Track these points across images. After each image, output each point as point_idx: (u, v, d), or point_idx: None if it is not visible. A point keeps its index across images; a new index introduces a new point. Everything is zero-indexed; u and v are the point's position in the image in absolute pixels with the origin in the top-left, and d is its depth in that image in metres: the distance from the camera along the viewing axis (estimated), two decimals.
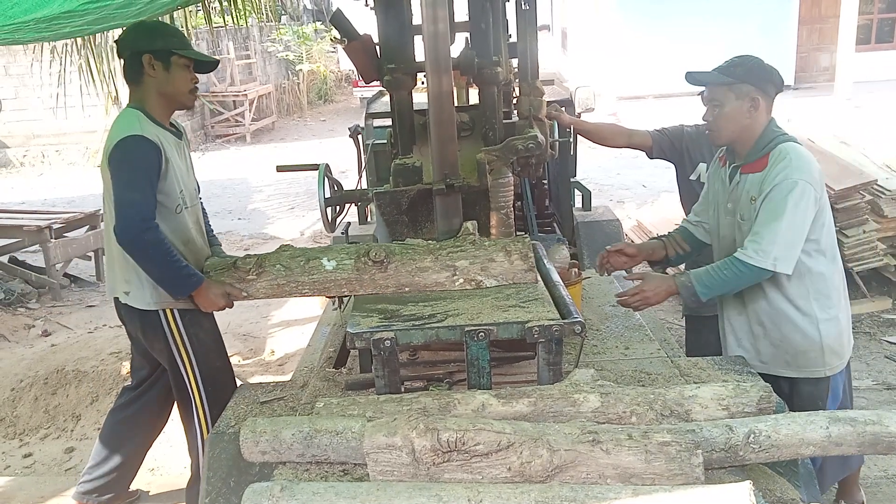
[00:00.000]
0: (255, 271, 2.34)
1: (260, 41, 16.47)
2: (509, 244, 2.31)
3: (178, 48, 2.48)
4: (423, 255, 2.30)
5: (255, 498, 1.57)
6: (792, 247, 2.25)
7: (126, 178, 2.38)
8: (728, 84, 2.33)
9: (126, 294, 2.59)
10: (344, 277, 2.31)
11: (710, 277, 2.33)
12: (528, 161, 2.61)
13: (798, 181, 2.22)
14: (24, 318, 5.66)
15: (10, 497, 3.31)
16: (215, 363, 2.74)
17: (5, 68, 12.53)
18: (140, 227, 2.33)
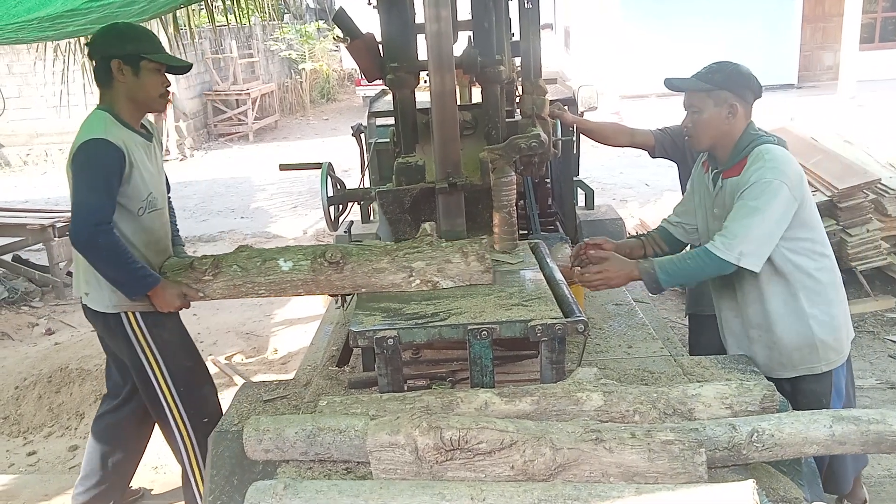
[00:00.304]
0: (212, 272, 2.36)
1: (263, 40, 16.48)
2: (466, 245, 2.32)
3: (148, 52, 2.46)
4: (380, 256, 2.31)
5: (259, 496, 1.57)
6: (760, 244, 2.25)
7: (84, 180, 2.38)
8: (706, 91, 2.35)
9: (86, 295, 2.59)
10: (300, 278, 2.33)
11: (674, 265, 2.34)
12: (531, 160, 2.60)
13: (772, 180, 2.23)
14: (28, 316, 5.67)
15: (15, 495, 3.32)
16: (185, 363, 2.71)
17: (9, 67, 12.55)
18: (93, 229, 2.33)
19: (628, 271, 2.37)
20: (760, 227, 2.23)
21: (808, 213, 2.33)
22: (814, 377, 2.39)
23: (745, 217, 2.25)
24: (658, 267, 2.34)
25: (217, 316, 5.46)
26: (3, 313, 5.66)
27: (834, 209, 4.53)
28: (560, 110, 3.25)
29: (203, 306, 5.48)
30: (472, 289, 2.31)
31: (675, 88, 2.45)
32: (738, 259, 2.24)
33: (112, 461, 2.93)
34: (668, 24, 14.15)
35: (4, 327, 5.39)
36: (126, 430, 2.92)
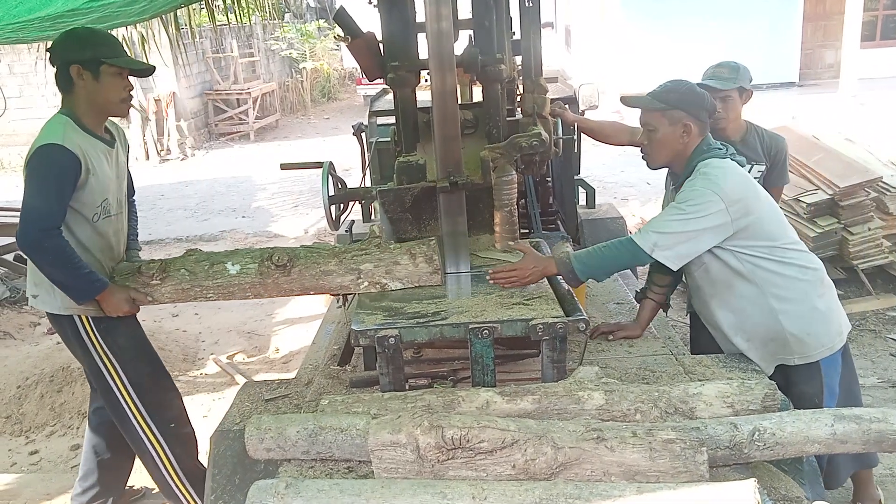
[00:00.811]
0: (159, 276, 2.37)
1: (263, 39, 16.48)
2: (414, 247, 2.34)
3: (108, 57, 2.44)
4: (328, 259, 2.32)
5: (261, 495, 1.57)
6: (677, 241, 2.28)
7: (35, 185, 2.38)
8: (661, 110, 2.38)
9: (34, 297, 2.57)
10: (248, 281, 2.34)
11: (590, 256, 2.35)
12: (532, 158, 2.60)
13: (703, 189, 2.27)
14: (30, 315, 5.67)
15: (17, 494, 3.33)
16: (144, 368, 2.67)
17: (10, 67, 12.56)
18: (39, 234, 2.32)
19: (544, 266, 2.35)
20: (679, 226, 2.27)
21: (765, 224, 2.34)
22: (800, 372, 2.39)
23: (668, 215, 2.32)
24: (574, 258, 2.33)
25: (218, 315, 5.47)
26: (5, 313, 5.67)
27: (835, 207, 4.53)
28: (561, 109, 3.24)
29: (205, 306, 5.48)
30: (474, 287, 2.31)
31: (631, 105, 2.48)
32: (652, 250, 2.27)
33: (106, 459, 2.92)
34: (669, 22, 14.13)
35: (6, 327, 5.40)
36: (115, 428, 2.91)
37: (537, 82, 2.88)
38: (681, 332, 3.92)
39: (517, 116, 3.07)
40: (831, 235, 4.54)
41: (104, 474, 2.93)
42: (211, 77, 14.03)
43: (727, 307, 2.41)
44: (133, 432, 2.67)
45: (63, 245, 2.35)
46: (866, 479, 2.77)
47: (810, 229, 4.48)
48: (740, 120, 3.08)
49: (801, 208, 4.53)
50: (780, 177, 3.15)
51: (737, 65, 3.00)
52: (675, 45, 13.50)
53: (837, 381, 2.46)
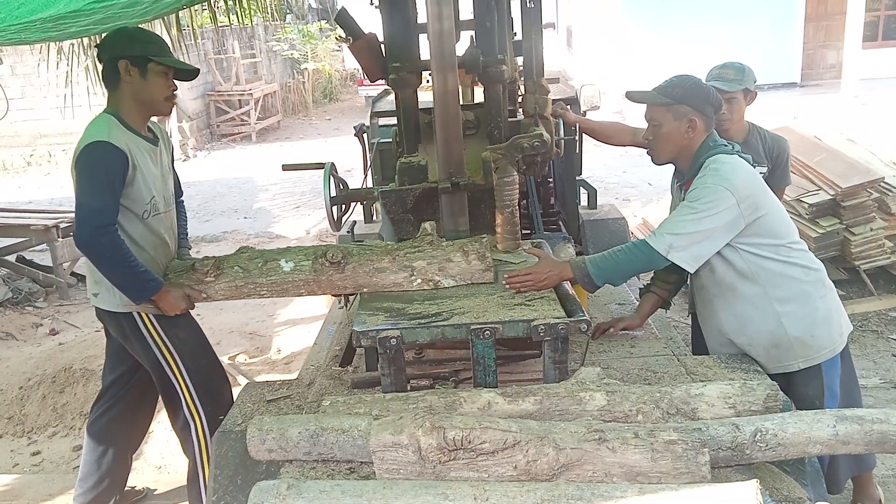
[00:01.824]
0: (214, 273, 2.37)
1: (265, 40, 16.49)
2: (467, 244, 2.33)
3: (156, 55, 2.48)
4: (381, 256, 2.32)
5: (262, 496, 1.57)
6: (692, 242, 2.25)
7: (87, 183, 2.39)
8: (666, 105, 2.36)
9: (94, 296, 2.60)
10: (301, 279, 2.33)
11: (605, 260, 2.33)
12: (534, 159, 2.60)
13: (715, 185, 2.25)
14: (32, 316, 5.68)
15: (19, 495, 3.33)
16: (201, 360, 2.73)
17: (12, 68, 12.57)
18: (95, 231, 2.34)
19: (560, 271, 2.33)
20: (693, 226, 2.25)
21: (772, 222, 2.33)
22: (800, 375, 2.38)
23: (680, 214, 2.29)
24: (589, 262, 2.33)
25: (220, 316, 5.47)
26: (8, 314, 5.68)
27: (837, 208, 4.52)
28: (562, 110, 3.24)
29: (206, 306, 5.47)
30: (475, 288, 2.31)
31: (636, 100, 2.46)
32: (668, 252, 2.25)
33: (105, 461, 2.94)
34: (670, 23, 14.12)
35: (9, 328, 5.40)
36: (117, 429, 2.93)
37: (539, 83, 2.88)
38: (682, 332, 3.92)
39: (519, 117, 3.08)
40: (833, 236, 4.54)
41: (103, 476, 2.95)
42: (213, 78, 14.04)
43: (730, 310, 2.40)
44: (183, 420, 2.72)
45: (119, 243, 2.37)
46: (866, 479, 2.77)
47: (812, 230, 4.48)
48: (743, 121, 3.08)
49: (803, 209, 4.53)
50: (782, 178, 3.15)
51: (742, 66, 2.99)
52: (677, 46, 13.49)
53: (838, 383, 2.46)
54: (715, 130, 2.42)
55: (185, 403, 2.70)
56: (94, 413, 2.95)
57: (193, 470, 2.80)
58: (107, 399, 2.93)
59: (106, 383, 2.94)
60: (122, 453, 2.99)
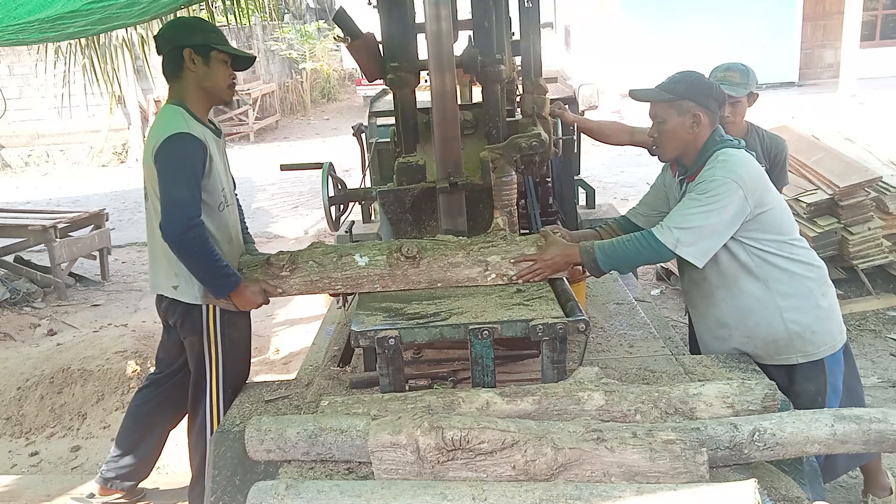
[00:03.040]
0: (289, 268, 2.34)
1: (263, 40, 16.48)
2: (540, 239, 2.33)
3: (218, 43, 2.50)
4: (455, 251, 2.31)
5: (261, 496, 1.57)
6: (700, 236, 2.24)
7: (172, 175, 2.38)
8: (669, 101, 2.36)
9: (174, 289, 2.58)
10: (376, 273, 2.32)
11: (613, 248, 2.33)
12: (532, 159, 2.60)
13: (723, 178, 2.24)
14: (30, 317, 5.67)
15: (17, 495, 3.32)
16: (238, 366, 2.73)
17: (9, 68, 12.57)
18: (185, 224, 2.34)
19: (568, 254, 2.33)
20: (701, 220, 2.24)
21: (776, 218, 2.33)
22: (802, 369, 2.39)
23: (688, 208, 2.27)
24: (598, 248, 2.33)
25: None
26: (5, 314, 5.67)
27: (835, 207, 4.53)
28: (560, 109, 3.24)
29: None
30: (473, 288, 2.31)
31: (639, 99, 2.45)
32: (675, 246, 2.24)
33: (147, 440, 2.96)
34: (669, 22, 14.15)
35: (6, 328, 5.39)
36: (163, 410, 2.93)
37: (537, 83, 2.89)
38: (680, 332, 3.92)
39: (517, 117, 3.08)
40: (831, 235, 4.54)
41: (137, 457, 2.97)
42: None
43: (732, 302, 2.39)
44: (201, 420, 2.71)
45: (206, 237, 2.38)
46: (875, 469, 2.76)
47: (810, 229, 4.48)
48: (742, 122, 3.08)
49: (801, 208, 4.53)
50: (780, 178, 3.15)
51: (746, 68, 2.98)
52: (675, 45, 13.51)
53: (841, 380, 2.46)
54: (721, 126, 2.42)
55: (210, 403, 2.69)
56: (142, 397, 2.96)
57: (200, 471, 2.79)
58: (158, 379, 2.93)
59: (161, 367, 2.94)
60: (160, 438, 3.01)
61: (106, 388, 4.10)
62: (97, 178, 11.65)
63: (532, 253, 2.33)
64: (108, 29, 4.55)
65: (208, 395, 2.69)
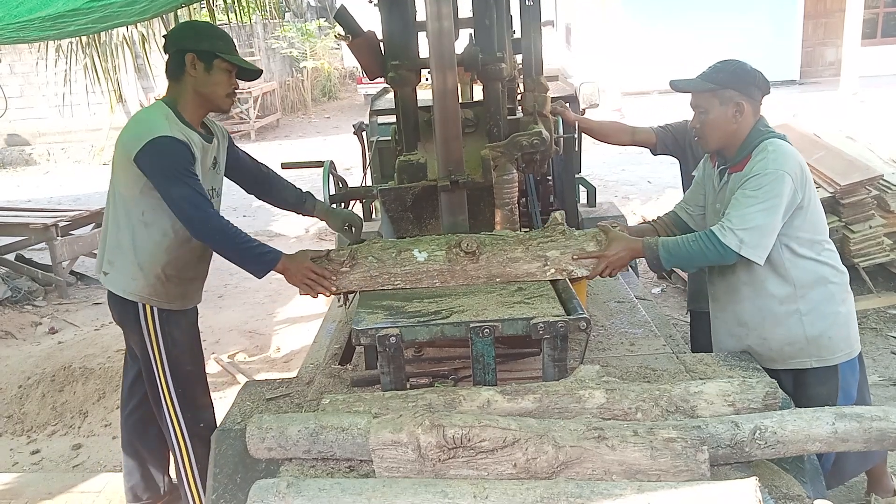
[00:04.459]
0: (349, 263, 2.33)
1: (264, 38, 16.47)
2: (599, 234, 2.33)
3: (222, 52, 2.50)
4: (514, 246, 2.31)
5: (262, 494, 1.57)
6: (762, 235, 2.22)
7: (165, 181, 2.39)
8: (712, 90, 2.33)
9: (105, 275, 2.61)
10: (436, 268, 2.31)
11: (677, 246, 2.31)
12: (533, 157, 2.60)
13: (776, 171, 2.21)
14: (31, 315, 5.68)
15: (19, 493, 3.33)
16: (186, 367, 2.71)
17: (10, 67, 12.57)
18: (201, 217, 2.36)
19: (631, 249, 2.33)
20: (763, 218, 2.21)
21: (813, 214, 2.31)
22: (815, 374, 2.38)
23: (747, 206, 2.23)
24: (661, 245, 2.32)
25: (220, 314, 5.47)
26: (7, 312, 5.67)
27: (836, 205, 4.52)
28: (562, 107, 3.24)
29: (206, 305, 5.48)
30: (475, 286, 2.31)
31: (680, 90, 2.43)
32: (739, 247, 2.21)
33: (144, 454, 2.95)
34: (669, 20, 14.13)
35: (8, 326, 5.40)
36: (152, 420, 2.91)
37: (538, 81, 2.88)
38: (681, 330, 3.93)
39: (518, 115, 3.07)
40: (832, 234, 4.53)
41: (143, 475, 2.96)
42: None
43: (755, 301, 2.36)
44: (164, 422, 2.73)
45: (224, 222, 2.39)
46: (879, 471, 2.75)
47: None
48: None
49: None
50: None
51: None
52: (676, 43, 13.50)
53: (855, 387, 2.44)
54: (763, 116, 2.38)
55: (165, 405, 2.69)
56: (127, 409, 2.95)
57: (177, 472, 2.80)
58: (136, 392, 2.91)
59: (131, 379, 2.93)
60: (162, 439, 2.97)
61: (107, 386, 4.11)
62: (98, 176, 11.64)
63: (592, 249, 2.31)
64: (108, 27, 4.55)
65: (163, 398, 2.69)
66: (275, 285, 6.29)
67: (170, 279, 2.60)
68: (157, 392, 2.69)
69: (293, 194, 2.89)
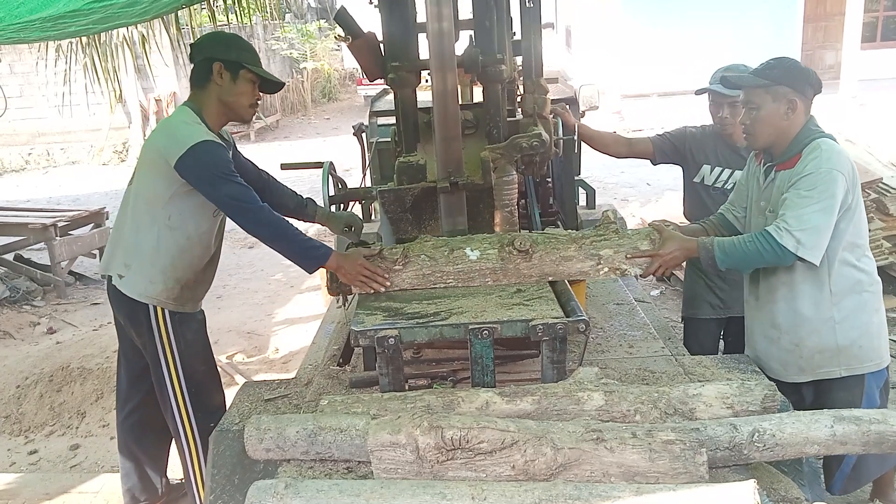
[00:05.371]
0: (402, 261, 2.33)
1: (264, 39, 16.49)
2: (653, 233, 2.33)
3: (249, 63, 2.57)
4: (567, 245, 2.31)
5: (260, 495, 1.57)
6: (818, 235, 2.20)
7: (215, 177, 2.42)
8: (765, 87, 2.31)
9: (120, 278, 2.62)
10: (488, 267, 2.31)
11: (733, 246, 2.29)
12: (533, 159, 2.60)
13: (830, 170, 2.19)
14: (30, 315, 5.68)
15: (16, 494, 3.33)
16: (199, 367, 2.74)
17: (10, 67, 12.56)
18: (256, 210, 2.39)
19: (686, 249, 2.31)
20: (820, 218, 2.19)
21: (859, 218, 2.30)
22: (840, 383, 2.36)
23: (802, 207, 2.20)
24: (717, 245, 2.29)
25: (218, 315, 5.47)
26: (5, 312, 5.67)
27: None
28: (562, 109, 3.24)
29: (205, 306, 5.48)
30: (474, 287, 2.31)
31: (732, 86, 2.42)
32: (797, 248, 2.19)
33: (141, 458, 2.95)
34: (670, 23, 14.14)
35: (6, 326, 5.40)
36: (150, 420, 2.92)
37: (538, 83, 2.88)
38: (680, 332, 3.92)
39: (518, 117, 3.07)
40: None
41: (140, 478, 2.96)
42: None
43: (791, 304, 2.34)
44: (173, 422, 2.74)
45: (274, 215, 2.43)
46: (886, 479, 2.73)
47: None
48: None
49: None
50: None
51: (746, 68, 2.96)
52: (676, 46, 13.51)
53: (877, 395, 2.43)
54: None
55: (175, 406, 2.70)
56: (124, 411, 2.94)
57: (186, 476, 2.80)
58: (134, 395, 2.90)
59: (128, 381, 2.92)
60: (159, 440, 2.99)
61: (105, 386, 4.10)
62: (97, 176, 11.65)
63: (646, 248, 2.30)
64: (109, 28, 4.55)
65: (174, 399, 2.70)
66: (273, 286, 6.30)
67: (187, 282, 2.65)
68: (167, 393, 2.70)
69: (294, 200, 2.92)
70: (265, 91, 2.67)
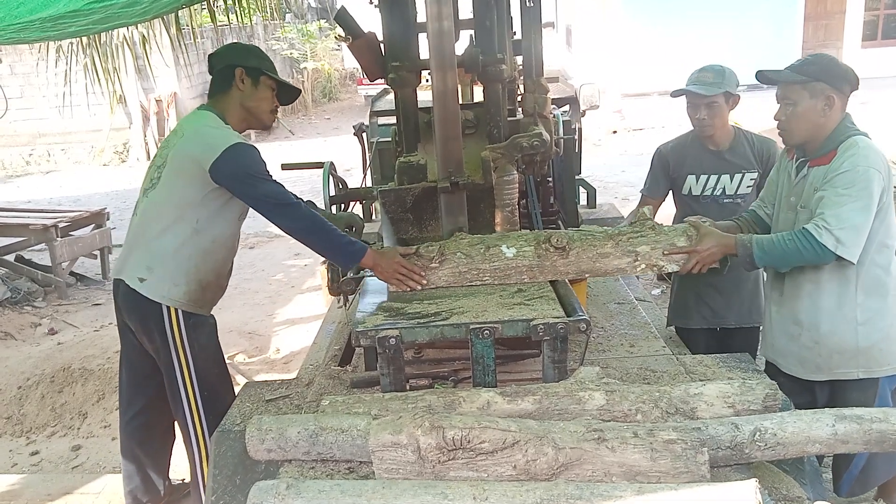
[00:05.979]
0: (438, 259, 2.32)
1: (264, 39, 16.49)
2: (689, 229, 2.32)
3: (269, 70, 2.66)
4: (604, 241, 2.30)
5: (261, 495, 1.57)
6: (857, 233, 2.19)
7: (252, 177, 2.46)
8: (802, 83, 2.30)
9: (140, 281, 2.60)
10: (525, 264, 2.30)
11: (772, 244, 2.27)
12: (533, 158, 2.60)
13: (867, 168, 2.19)
14: (31, 316, 5.68)
15: (18, 495, 3.33)
16: (213, 370, 2.75)
17: (11, 67, 12.56)
18: (293, 206, 2.42)
19: (724, 246, 2.29)
20: (859, 216, 2.18)
21: (888, 219, 2.29)
22: (855, 384, 2.35)
23: (841, 205, 2.19)
24: (755, 243, 2.28)
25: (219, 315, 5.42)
26: (6, 313, 5.67)
27: None
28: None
29: None
30: (475, 287, 2.31)
31: (769, 81, 2.40)
32: (836, 247, 2.18)
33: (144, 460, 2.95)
34: (670, 22, 14.13)
35: (7, 327, 5.40)
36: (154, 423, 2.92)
37: (538, 82, 2.88)
38: None
39: (518, 116, 3.07)
40: None
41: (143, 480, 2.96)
42: None
43: (816, 300, 2.33)
44: (185, 424, 2.74)
45: (310, 211, 2.46)
46: (892, 481, 2.68)
47: None
48: (728, 126, 3.02)
49: None
50: None
51: (722, 68, 2.93)
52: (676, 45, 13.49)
53: (890, 399, 2.42)
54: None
55: (188, 409, 2.71)
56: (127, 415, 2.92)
57: (193, 474, 2.80)
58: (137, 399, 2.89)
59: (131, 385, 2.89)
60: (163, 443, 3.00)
61: (107, 387, 4.11)
62: (98, 177, 11.65)
63: (683, 244, 2.29)
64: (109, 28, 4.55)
65: (186, 402, 2.70)
66: (274, 286, 6.30)
67: (209, 285, 2.68)
68: (180, 396, 2.70)
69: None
70: (281, 102, 2.73)
